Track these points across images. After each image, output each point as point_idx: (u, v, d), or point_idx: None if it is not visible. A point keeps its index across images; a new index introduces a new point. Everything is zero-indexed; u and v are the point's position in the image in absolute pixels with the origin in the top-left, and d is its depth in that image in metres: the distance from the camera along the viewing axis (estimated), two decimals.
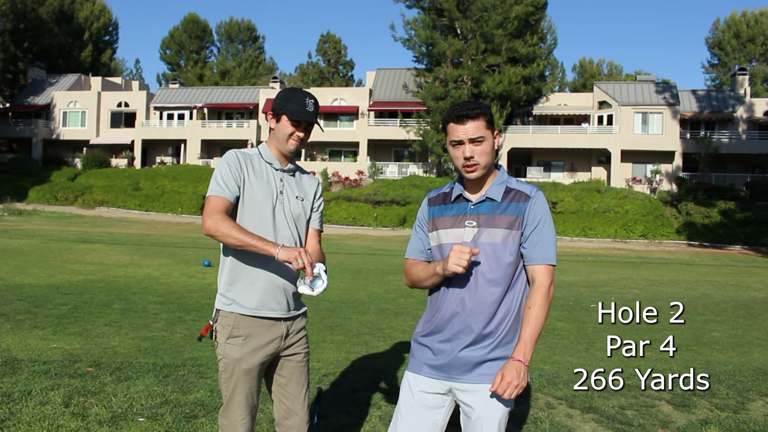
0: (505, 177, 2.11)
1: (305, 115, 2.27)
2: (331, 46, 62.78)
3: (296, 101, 2.28)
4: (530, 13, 35.87)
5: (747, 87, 39.34)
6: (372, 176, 37.47)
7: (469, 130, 2.01)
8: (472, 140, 2.01)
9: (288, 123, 2.29)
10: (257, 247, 2.12)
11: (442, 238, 2.09)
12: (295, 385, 2.38)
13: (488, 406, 2.00)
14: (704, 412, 3.97)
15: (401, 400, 2.12)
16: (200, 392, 3.89)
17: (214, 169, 2.32)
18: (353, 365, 4.84)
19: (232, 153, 2.32)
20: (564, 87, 60.02)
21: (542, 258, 2.01)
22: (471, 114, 2.01)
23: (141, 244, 18.04)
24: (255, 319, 2.27)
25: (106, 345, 5.32)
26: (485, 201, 2.06)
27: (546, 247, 2.02)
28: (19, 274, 9.92)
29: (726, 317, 8.46)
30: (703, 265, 18.81)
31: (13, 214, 29.77)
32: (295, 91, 2.33)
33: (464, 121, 2.01)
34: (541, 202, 2.04)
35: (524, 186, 2.08)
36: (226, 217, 2.19)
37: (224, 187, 2.24)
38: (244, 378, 2.26)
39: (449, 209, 2.11)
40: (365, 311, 7.51)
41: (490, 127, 2.05)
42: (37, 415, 3.35)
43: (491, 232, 2.02)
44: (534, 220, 2.02)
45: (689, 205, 31.55)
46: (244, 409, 2.28)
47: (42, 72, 47.62)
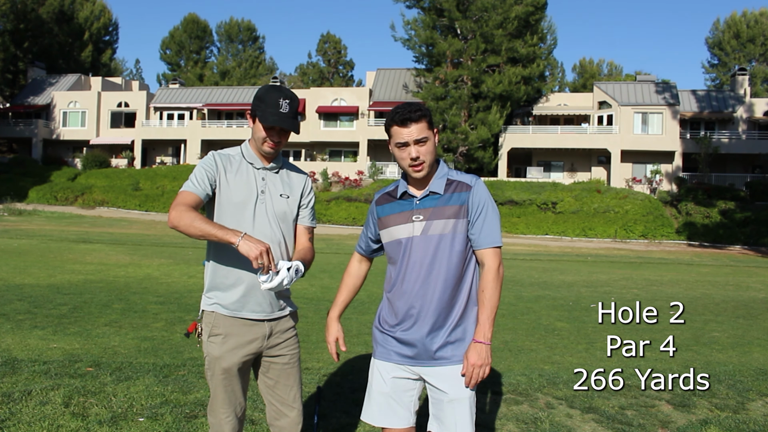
0: (445, 170, 2.21)
1: (276, 120, 2.18)
2: (331, 46, 62.79)
3: (269, 102, 2.19)
4: (530, 13, 35.87)
5: (747, 87, 39.31)
6: (372, 176, 37.47)
7: (413, 132, 2.10)
8: (416, 141, 2.11)
9: (261, 126, 2.22)
10: (217, 236, 2.07)
11: (393, 234, 2.20)
12: (283, 387, 2.35)
13: (456, 387, 2.12)
14: (704, 412, 3.96)
15: (373, 388, 2.23)
16: (200, 392, 3.89)
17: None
18: (353, 365, 4.83)
19: (210, 155, 2.29)
20: (564, 87, 60.04)
21: (488, 242, 2.13)
22: (414, 117, 2.10)
23: (141, 244, 18.04)
24: (235, 319, 2.27)
25: (106, 345, 5.32)
26: (429, 195, 2.17)
27: (491, 231, 2.14)
28: (20, 274, 9.92)
29: (726, 317, 8.45)
30: (703, 265, 18.81)
31: (13, 214, 29.76)
32: (270, 90, 2.22)
33: (408, 124, 2.10)
34: (481, 189, 2.16)
35: (464, 176, 2.20)
36: (190, 208, 2.14)
37: (195, 183, 2.21)
38: (225, 376, 2.25)
39: (396, 206, 2.22)
40: (365, 311, 7.51)
41: (431, 127, 2.15)
42: (37, 415, 3.34)
43: (438, 223, 2.14)
44: (477, 208, 2.14)
45: (689, 205, 31.53)
46: (228, 408, 2.27)
47: (42, 72, 47.60)
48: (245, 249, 2.02)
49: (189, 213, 2.12)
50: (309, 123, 40.96)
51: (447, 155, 36.20)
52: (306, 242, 2.38)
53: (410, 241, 2.15)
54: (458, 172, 2.22)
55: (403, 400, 2.20)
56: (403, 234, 2.17)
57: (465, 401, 2.12)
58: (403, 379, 2.19)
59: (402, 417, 2.20)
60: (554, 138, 37.51)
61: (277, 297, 2.30)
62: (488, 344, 2.09)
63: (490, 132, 34.94)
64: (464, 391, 2.12)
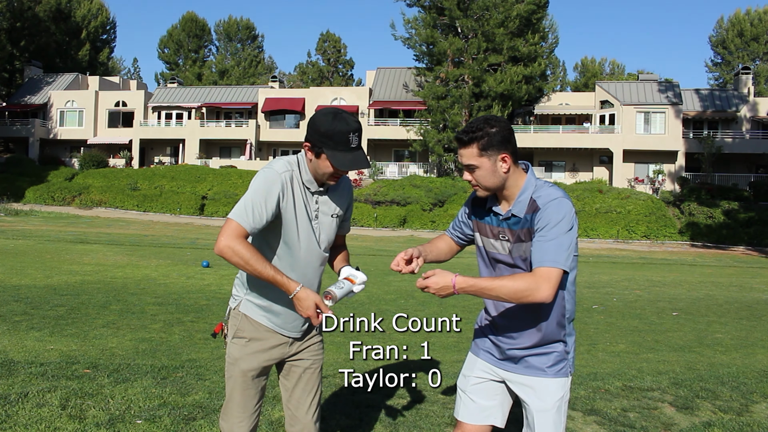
0: (531, 188, 2.03)
1: (351, 163, 2.04)
2: (331, 45, 62.74)
3: (338, 140, 2.02)
4: (532, 12, 35.84)
5: (750, 86, 39.22)
6: (372, 176, 37.43)
7: (462, 157, 2.02)
8: (466, 167, 2.02)
9: (329, 164, 2.06)
10: (276, 281, 2.03)
11: (486, 245, 2.16)
12: (301, 392, 2.31)
13: (539, 397, 2.12)
14: (707, 414, 3.92)
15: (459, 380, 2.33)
16: (199, 394, 3.85)
17: (254, 181, 2.09)
18: (353, 367, 4.79)
19: (280, 180, 2.08)
20: (566, 86, 59.99)
21: (542, 260, 1.93)
22: (463, 139, 1.99)
23: (139, 244, 18.00)
24: (261, 325, 2.24)
25: (103, 346, 5.28)
26: (512, 217, 2.05)
27: (548, 250, 1.93)
28: (16, 275, 9.88)
29: (729, 318, 8.42)
30: (706, 266, 18.78)
31: (9, 214, 29.70)
32: (334, 122, 2.03)
33: (459, 146, 2.02)
34: (551, 211, 1.96)
35: (545, 193, 2.01)
36: (245, 242, 2.02)
37: (250, 218, 2.03)
38: (242, 379, 2.22)
39: (487, 217, 2.14)
40: (365, 312, 7.46)
41: (487, 152, 1.96)
42: (34, 417, 3.31)
43: (520, 246, 2.04)
44: (540, 227, 1.97)
45: (692, 206, 31.46)
46: (241, 412, 2.23)
47: (39, 71, 47.52)
48: (297, 306, 2.06)
49: (244, 248, 1.99)
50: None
51: (448, 155, 36.19)
52: (343, 248, 2.40)
53: (499, 257, 2.12)
54: (544, 185, 2.04)
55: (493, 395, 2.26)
56: (492, 248, 2.14)
57: (549, 414, 2.11)
58: (487, 380, 2.25)
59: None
60: (556, 138, 37.48)
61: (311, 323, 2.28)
62: (455, 290, 1.94)
63: None
64: (551, 402, 2.11)
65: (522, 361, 2.14)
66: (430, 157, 37.81)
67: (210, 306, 7.75)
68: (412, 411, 3.74)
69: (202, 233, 24.83)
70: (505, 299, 1.94)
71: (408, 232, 29.81)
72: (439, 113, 35.77)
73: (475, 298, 2.15)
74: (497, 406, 2.23)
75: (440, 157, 36.24)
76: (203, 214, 33.56)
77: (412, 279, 11.49)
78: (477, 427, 2.22)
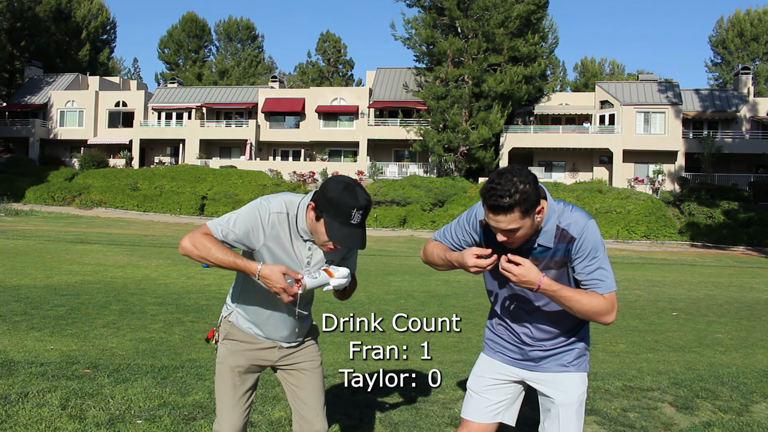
0: (554, 215, 1.99)
1: (345, 240, 1.97)
2: (331, 45, 62.71)
3: (341, 211, 1.95)
4: (531, 12, 35.83)
5: (750, 86, 39.19)
6: (372, 176, 37.41)
7: (501, 222, 1.88)
8: (505, 231, 1.91)
9: (324, 230, 2.00)
10: (238, 265, 1.99)
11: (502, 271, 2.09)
12: (304, 391, 2.31)
13: (564, 391, 2.17)
14: (707, 414, 3.92)
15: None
16: (198, 394, 3.85)
17: (247, 205, 2.11)
18: (353, 367, 4.79)
19: (268, 217, 2.06)
20: (565, 86, 59.94)
21: (600, 286, 2.01)
22: (503, 206, 1.84)
23: (139, 244, 17.99)
24: (250, 335, 2.27)
25: (103, 346, 5.28)
26: (538, 247, 2.02)
27: (602, 277, 2.01)
28: (16, 275, 9.87)
29: (729, 318, 8.42)
30: (706, 266, 18.78)
31: (10, 214, 29.69)
32: (344, 194, 1.96)
33: (496, 212, 1.87)
34: (588, 239, 1.99)
35: (572, 220, 1.99)
36: (207, 236, 2.01)
37: (221, 227, 2.03)
38: (230, 375, 2.22)
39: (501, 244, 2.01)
40: (365, 312, 7.46)
41: (528, 212, 1.88)
42: (34, 417, 3.31)
43: (548, 273, 2.02)
44: (582, 255, 2.00)
45: (692, 206, 31.44)
46: (230, 411, 2.23)
47: (39, 71, 47.47)
48: (266, 272, 1.99)
49: (205, 240, 1.98)
50: (308, 123, 40.93)
51: (448, 155, 36.17)
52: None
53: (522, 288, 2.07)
54: (565, 209, 2.01)
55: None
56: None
57: (572, 410, 2.15)
58: (502, 382, 2.27)
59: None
60: (556, 138, 37.47)
61: (300, 327, 2.28)
62: (539, 284, 1.93)
63: (491, 132, 34.90)
64: (573, 397, 2.15)
65: (544, 360, 2.17)
66: (430, 157, 37.80)
67: (210, 306, 7.75)
68: (412, 411, 3.74)
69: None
70: (576, 312, 2.00)
71: (408, 232, 29.81)
72: (439, 113, 35.75)
73: (476, 298, 2.15)
74: (509, 404, 2.25)
75: (440, 157, 36.22)
76: (203, 214, 33.54)
77: (412, 279, 11.52)
78: (484, 426, 2.22)
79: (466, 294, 9.66)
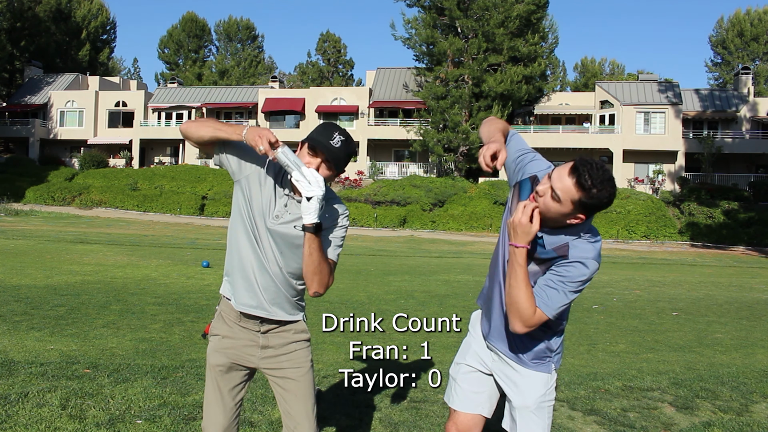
0: (575, 235, 2.00)
1: (324, 147, 2.06)
2: (331, 45, 62.72)
3: (323, 134, 2.11)
4: (531, 12, 35.83)
5: (750, 86, 39.21)
6: (372, 176, 37.42)
7: (561, 191, 1.93)
8: (554, 192, 1.94)
9: (306, 152, 2.11)
10: (226, 131, 2.12)
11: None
12: (290, 401, 2.26)
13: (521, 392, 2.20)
14: (707, 414, 3.93)
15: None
16: (199, 394, 3.85)
17: None
18: (353, 367, 4.79)
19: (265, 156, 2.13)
20: (565, 86, 59.96)
21: (542, 301, 1.99)
22: (606, 204, 1.93)
23: (139, 244, 17.99)
24: (237, 315, 2.23)
25: (103, 346, 5.27)
26: (540, 238, 2.02)
27: (549, 298, 1.98)
28: (16, 275, 9.87)
29: (729, 318, 8.42)
30: (706, 266, 18.78)
31: (10, 214, 29.68)
32: (328, 125, 2.15)
33: (583, 194, 1.91)
34: (573, 267, 1.97)
35: (577, 249, 1.99)
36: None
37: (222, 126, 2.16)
38: (212, 373, 2.24)
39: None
40: (365, 312, 7.47)
41: (579, 210, 1.94)
42: (34, 417, 3.31)
43: (532, 266, 2.04)
44: (558, 271, 1.98)
45: (692, 206, 31.45)
46: (213, 412, 2.23)
47: (39, 71, 47.46)
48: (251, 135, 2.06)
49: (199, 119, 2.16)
50: (308, 123, 40.93)
51: (448, 155, 36.16)
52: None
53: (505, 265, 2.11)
54: (590, 238, 2.01)
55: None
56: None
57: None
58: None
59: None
60: (556, 138, 37.48)
61: (265, 296, 2.20)
62: (520, 245, 1.95)
63: None
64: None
65: (506, 349, 2.20)
66: (430, 157, 37.81)
67: (210, 306, 7.75)
68: (412, 411, 3.74)
69: (202, 233, 24.82)
70: (506, 294, 2.00)
71: (408, 232, 29.80)
72: (438, 113, 35.75)
73: (476, 298, 2.16)
74: (485, 397, 2.27)
75: (440, 157, 36.22)
76: (203, 214, 33.53)
77: (412, 279, 11.52)
78: (469, 415, 2.24)
79: (466, 294, 9.67)
